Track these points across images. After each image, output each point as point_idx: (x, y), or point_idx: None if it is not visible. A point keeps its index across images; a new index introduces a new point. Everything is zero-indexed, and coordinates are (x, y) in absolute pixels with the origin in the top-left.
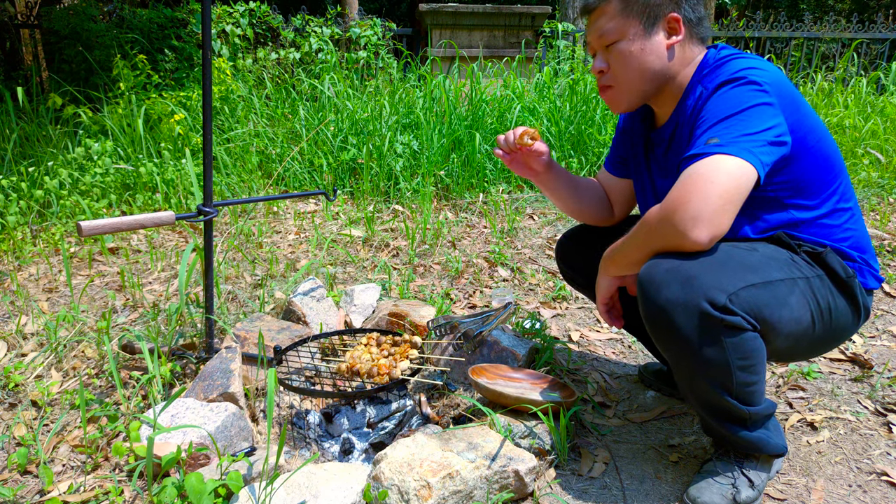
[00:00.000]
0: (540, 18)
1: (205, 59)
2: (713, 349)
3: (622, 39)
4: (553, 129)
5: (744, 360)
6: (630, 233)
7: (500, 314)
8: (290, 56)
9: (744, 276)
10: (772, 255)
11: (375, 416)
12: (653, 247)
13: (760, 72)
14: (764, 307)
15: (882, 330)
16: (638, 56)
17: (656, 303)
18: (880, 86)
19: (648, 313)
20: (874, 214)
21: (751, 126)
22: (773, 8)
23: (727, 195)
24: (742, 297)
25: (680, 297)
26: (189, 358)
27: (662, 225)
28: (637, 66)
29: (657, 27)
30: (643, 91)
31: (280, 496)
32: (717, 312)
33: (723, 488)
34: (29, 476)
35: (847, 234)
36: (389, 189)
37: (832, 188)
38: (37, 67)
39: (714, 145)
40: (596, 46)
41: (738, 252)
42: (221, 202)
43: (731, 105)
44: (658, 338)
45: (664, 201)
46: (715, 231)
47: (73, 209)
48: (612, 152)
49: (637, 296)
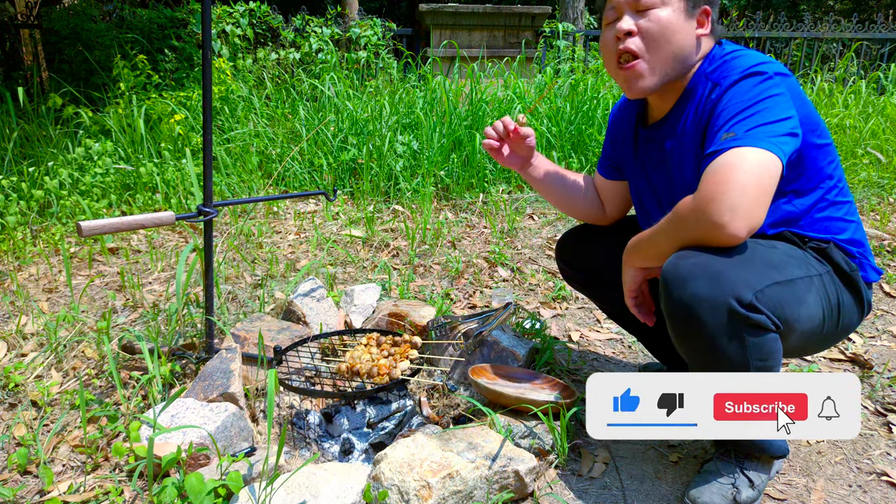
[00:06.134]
0: (540, 18)
1: (205, 59)
2: (734, 347)
3: (664, 6)
4: (554, 129)
5: (762, 361)
6: (659, 224)
7: (500, 314)
8: (290, 56)
9: (769, 274)
10: (790, 252)
11: (375, 416)
12: (684, 239)
13: (771, 65)
14: (786, 305)
15: (882, 330)
16: (677, 30)
17: (682, 297)
18: (880, 86)
19: (672, 307)
20: (874, 214)
21: (770, 117)
22: (773, 8)
23: (761, 186)
24: (767, 295)
25: (707, 293)
26: (189, 358)
27: (697, 217)
28: (673, 40)
29: (695, 13)
30: (666, 73)
31: (280, 496)
32: (743, 310)
33: (723, 488)
34: (29, 476)
35: (847, 226)
36: (389, 189)
37: (834, 181)
38: (37, 67)
39: (737, 138)
40: (624, 8)
41: (761, 249)
42: (221, 202)
43: (748, 98)
44: (679, 332)
45: (696, 194)
46: (753, 223)
47: (73, 209)
48: (604, 155)
49: (660, 290)
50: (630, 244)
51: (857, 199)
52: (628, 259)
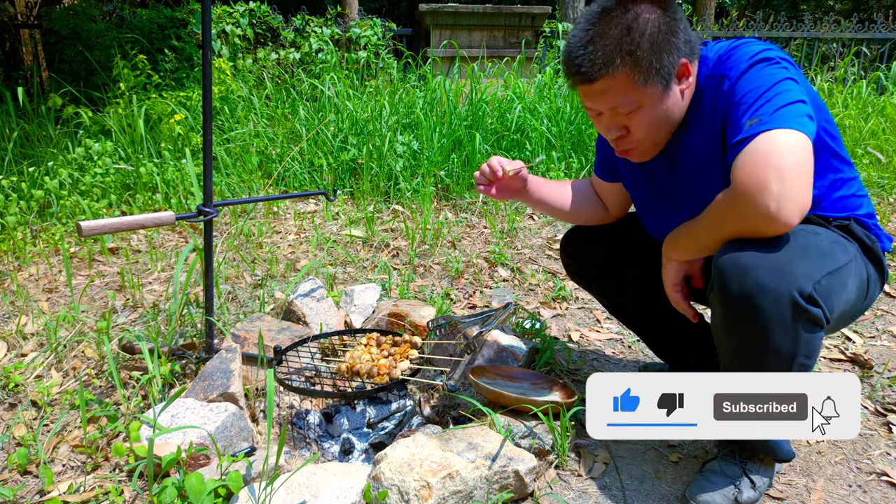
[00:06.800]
0: (540, 18)
1: (205, 59)
2: (787, 340)
3: (642, 108)
4: (554, 129)
5: (807, 358)
6: (700, 218)
7: (500, 314)
8: (290, 56)
9: (824, 264)
10: (832, 237)
11: (375, 416)
12: (728, 232)
13: (775, 51)
14: (833, 294)
15: (882, 330)
16: (662, 115)
17: (743, 287)
18: (880, 86)
19: (730, 297)
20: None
21: (791, 97)
22: (773, 8)
23: (799, 167)
24: (822, 286)
25: (771, 284)
26: (189, 358)
27: (740, 210)
28: (662, 124)
29: (672, 79)
30: (665, 134)
31: (280, 496)
32: (804, 302)
33: (725, 488)
34: (29, 476)
35: (859, 201)
36: (389, 189)
37: (843, 158)
38: (37, 67)
39: (760, 124)
40: (603, 111)
41: (810, 237)
42: (221, 202)
43: (762, 84)
44: (731, 322)
45: (734, 187)
46: (802, 207)
47: (73, 209)
48: (599, 158)
49: (713, 281)
50: (669, 238)
51: None
52: (669, 253)
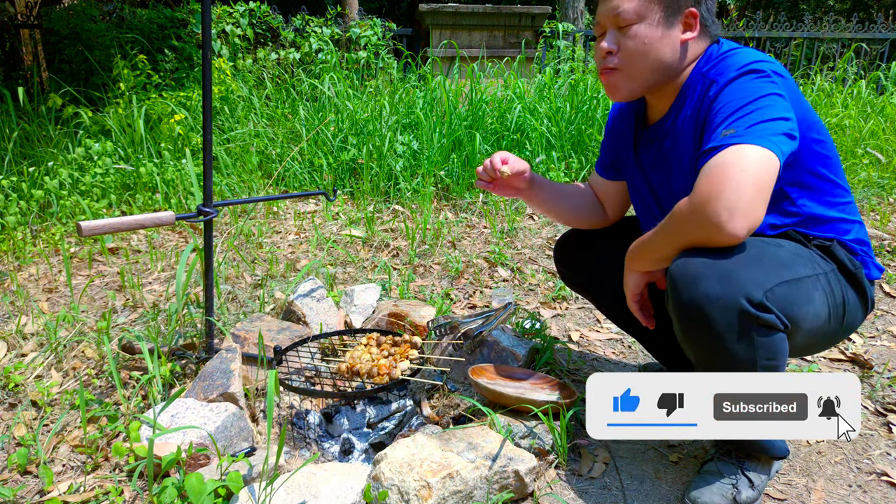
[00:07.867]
0: (540, 18)
1: (205, 59)
2: (743, 346)
3: (641, 22)
4: (554, 129)
5: (769, 360)
6: (657, 228)
7: (500, 314)
8: (290, 56)
9: (778, 273)
10: (797, 251)
11: (375, 416)
12: (684, 241)
13: (769, 64)
14: (794, 304)
15: (882, 330)
16: (654, 43)
17: (692, 297)
18: (880, 86)
19: (681, 306)
20: (874, 214)
21: (770, 114)
22: (773, 8)
23: (758, 184)
24: (776, 294)
25: (718, 293)
26: (189, 358)
27: (695, 218)
28: (650, 54)
29: (676, 19)
30: (648, 81)
31: (280, 496)
32: (753, 309)
33: (723, 488)
34: (29, 476)
35: (849, 225)
36: (389, 189)
37: (835, 181)
38: (37, 67)
39: (734, 136)
40: (608, 25)
41: (768, 248)
42: (221, 202)
43: (745, 95)
44: (686, 331)
45: (693, 194)
46: (752, 222)
47: (73, 209)
48: (603, 155)
49: (667, 290)
50: (631, 249)
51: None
52: (630, 264)
